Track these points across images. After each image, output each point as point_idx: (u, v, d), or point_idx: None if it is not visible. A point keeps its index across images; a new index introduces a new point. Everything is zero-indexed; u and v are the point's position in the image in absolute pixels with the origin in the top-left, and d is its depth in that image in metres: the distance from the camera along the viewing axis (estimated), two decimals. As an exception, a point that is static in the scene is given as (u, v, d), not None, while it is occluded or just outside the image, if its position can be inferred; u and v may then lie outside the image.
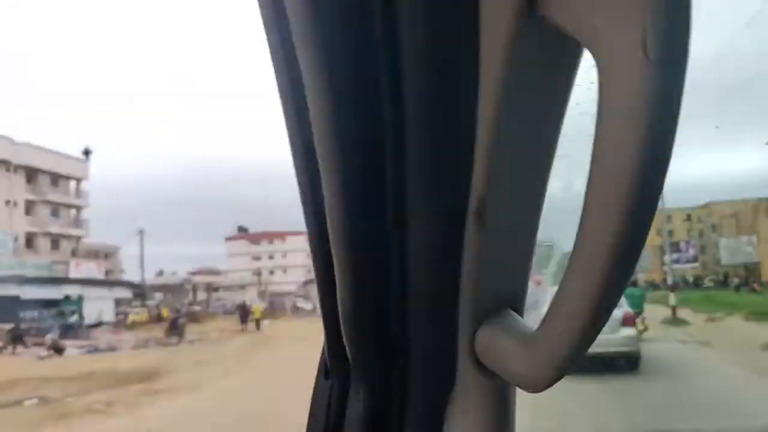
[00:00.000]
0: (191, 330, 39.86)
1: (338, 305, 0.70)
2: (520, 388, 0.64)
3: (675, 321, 22.66)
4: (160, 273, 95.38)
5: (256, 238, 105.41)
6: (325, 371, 0.81)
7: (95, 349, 25.89)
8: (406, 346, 0.69)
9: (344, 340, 0.72)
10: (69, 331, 37.30)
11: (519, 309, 0.66)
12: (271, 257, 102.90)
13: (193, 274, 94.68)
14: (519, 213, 0.63)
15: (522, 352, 0.59)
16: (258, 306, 41.46)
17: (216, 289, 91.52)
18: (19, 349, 26.20)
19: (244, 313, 37.98)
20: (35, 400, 12.08)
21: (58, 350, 23.71)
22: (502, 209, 0.61)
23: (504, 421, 0.69)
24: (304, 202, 0.72)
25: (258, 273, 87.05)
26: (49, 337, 26.95)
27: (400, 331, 0.69)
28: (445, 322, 0.66)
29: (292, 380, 13.29)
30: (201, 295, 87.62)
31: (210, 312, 58.95)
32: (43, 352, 24.21)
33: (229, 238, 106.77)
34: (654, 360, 12.00)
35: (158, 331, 40.05)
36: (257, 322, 36.87)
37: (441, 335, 0.67)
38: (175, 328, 33.37)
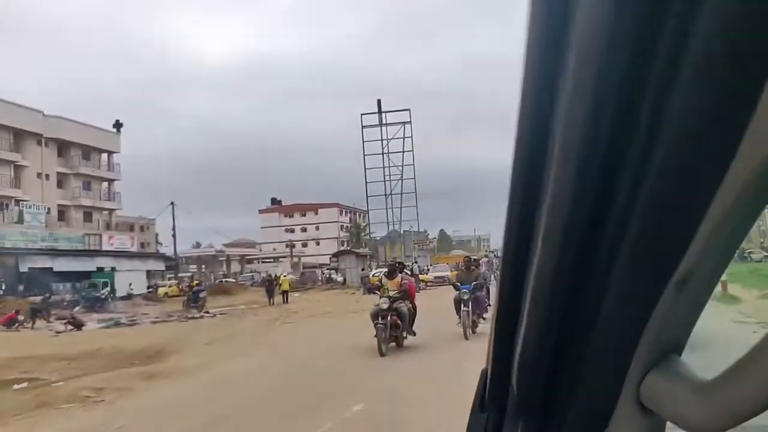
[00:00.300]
0: (219, 303, 39.36)
1: (518, 337, 0.71)
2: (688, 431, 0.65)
3: (726, 297, 20.91)
4: (197, 245, 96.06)
5: (289, 210, 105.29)
6: (481, 402, 0.82)
7: (116, 323, 25.31)
8: (573, 383, 0.70)
9: (514, 371, 0.73)
10: (96, 304, 37.03)
11: (680, 352, 0.68)
12: (304, 229, 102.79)
13: (229, 246, 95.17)
14: (717, 278, 0.63)
15: (695, 397, 0.59)
16: (285, 278, 40.59)
17: (250, 261, 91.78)
18: (40, 323, 25.73)
19: (270, 285, 37.14)
20: (25, 384, 11.24)
21: (77, 325, 23.15)
22: (705, 280, 0.62)
23: None
24: (509, 227, 0.71)
25: (291, 245, 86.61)
26: (69, 312, 26.42)
27: (572, 370, 0.70)
28: (616, 366, 0.67)
29: (299, 362, 12.39)
30: (236, 267, 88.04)
31: (240, 284, 58.37)
32: (63, 326, 23.66)
33: (262, 211, 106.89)
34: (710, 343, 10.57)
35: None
36: (284, 294, 36.06)
37: (609, 377, 0.68)
38: (195, 301, 32.76)
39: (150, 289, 52.83)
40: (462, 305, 13.38)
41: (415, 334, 12.58)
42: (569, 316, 0.68)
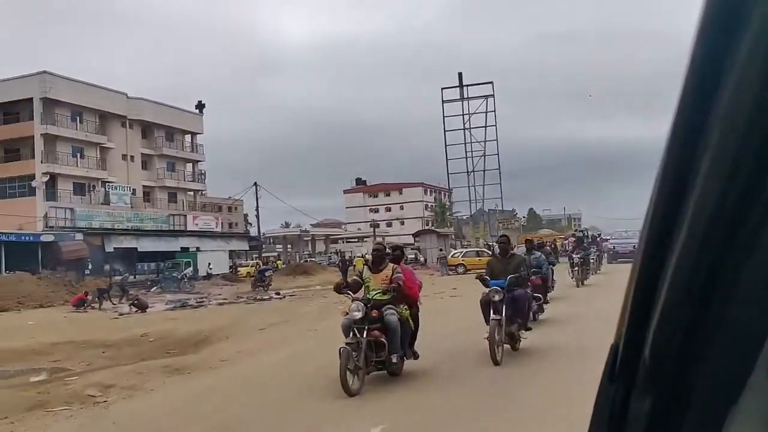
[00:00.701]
0: (296, 283, 38.54)
1: (655, 309, 0.72)
2: None
3: None
4: (286, 225, 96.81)
5: (373, 190, 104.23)
6: (610, 375, 0.81)
7: (182, 305, 24.52)
8: (707, 355, 0.70)
9: (648, 343, 0.73)
10: (172, 284, 36.85)
11: None
12: (388, 209, 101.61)
13: (316, 226, 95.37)
14: None
15: None
16: (359, 259, 39.20)
17: (335, 241, 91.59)
18: (108, 304, 25.35)
19: (343, 266, 35.83)
20: (43, 376, 10.21)
21: (141, 307, 22.47)
22: None
23: None
24: (657, 202, 0.71)
25: (374, 225, 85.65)
26: (135, 293, 25.95)
27: (707, 342, 0.69)
28: (751, 338, 0.67)
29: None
30: (321, 247, 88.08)
31: (318, 263, 57.66)
32: (128, 308, 23.09)
33: (346, 191, 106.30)
34: None
35: (277, 283, 39.16)
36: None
37: (744, 348, 0.67)
38: (261, 281, 31.98)
39: (231, 269, 52.82)
40: (492, 311, 8.64)
41: (417, 357, 8.17)
42: (708, 290, 0.67)
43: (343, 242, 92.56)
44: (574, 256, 20.71)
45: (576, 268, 20.20)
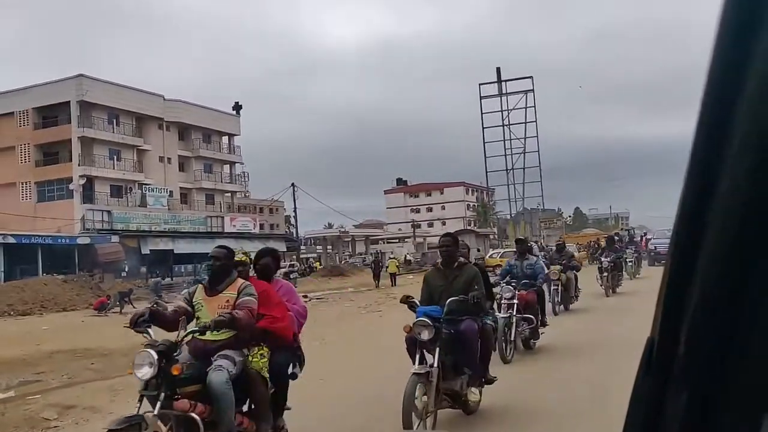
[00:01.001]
0: (329, 285, 37.68)
1: (690, 302, 0.71)
2: None
3: None
4: (329, 226, 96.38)
5: (414, 190, 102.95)
6: (648, 366, 0.81)
7: (202, 310, 23.76)
8: (745, 351, 0.69)
9: (683, 336, 0.73)
10: (202, 286, 36.35)
11: None
12: (429, 209, 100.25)
13: (359, 227, 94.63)
14: None
15: None
16: (392, 260, 38.16)
17: (375, 242, 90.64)
18: (129, 308, 24.80)
19: (376, 268, 34.75)
20: (12, 392, 9.36)
21: (159, 311, 21.78)
22: None
23: None
24: (685, 197, 0.71)
25: (414, 225, 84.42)
26: (155, 297, 25.36)
27: (745, 335, 0.69)
28: None
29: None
30: (361, 248, 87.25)
31: (356, 265, 56.77)
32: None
33: (387, 191, 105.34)
34: None
35: (310, 285, 38.47)
36: (392, 277, 33.63)
37: None
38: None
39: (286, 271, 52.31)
40: (416, 357, 5.50)
41: None
42: (740, 289, 0.66)
43: (384, 243, 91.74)
44: (603, 259, 17.96)
45: (606, 274, 17.52)
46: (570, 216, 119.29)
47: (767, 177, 0.61)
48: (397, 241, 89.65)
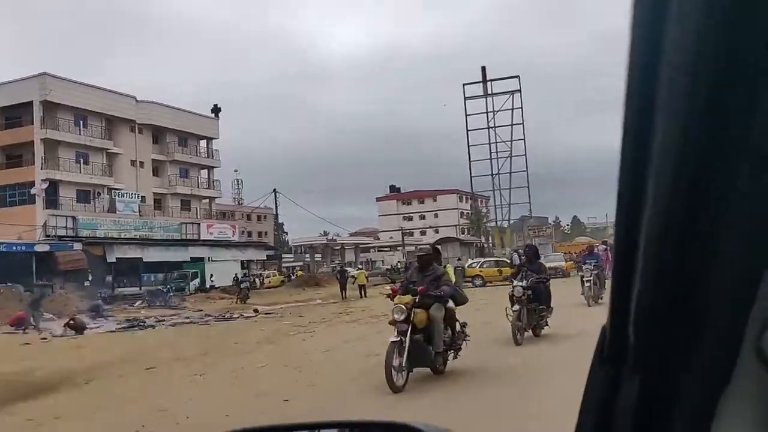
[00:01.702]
0: (296, 297, 35.16)
1: (633, 294, 0.72)
2: None
3: None
4: (324, 234, 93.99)
5: (406, 198, 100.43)
6: (602, 356, 0.83)
7: (133, 326, 21.35)
8: (691, 337, 0.70)
9: (630, 326, 0.74)
10: (157, 298, 33.93)
11: None
12: (422, 217, 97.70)
13: (354, 235, 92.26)
14: None
15: None
16: (360, 272, 35.72)
17: (366, 250, 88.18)
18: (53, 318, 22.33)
19: (342, 279, 32.26)
20: None
21: (77, 328, 19.38)
22: None
23: None
24: (621, 193, 0.72)
25: (406, 233, 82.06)
26: (79, 312, 22.94)
27: (689, 323, 0.69)
28: (734, 319, 0.66)
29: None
30: (351, 256, 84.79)
31: (331, 275, 54.23)
32: (63, 329, 19.97)
33: (379, 198, 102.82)
34: None
35: (278, 296, 36.16)
36: (361, 288, 31.15)
37: (727, 331, 0.67)
38: (240, 293, 29.26)
39: (234, 281, 49.95)
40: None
41: None
42: (682, 272, 0.67)
43: (375, 251, 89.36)
44: (515, 282, 11.86)
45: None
46: (568, 224, 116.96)
47: (690, 178, 0.62)
48: (388, 249, 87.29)
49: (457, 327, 8.75)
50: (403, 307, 7.94)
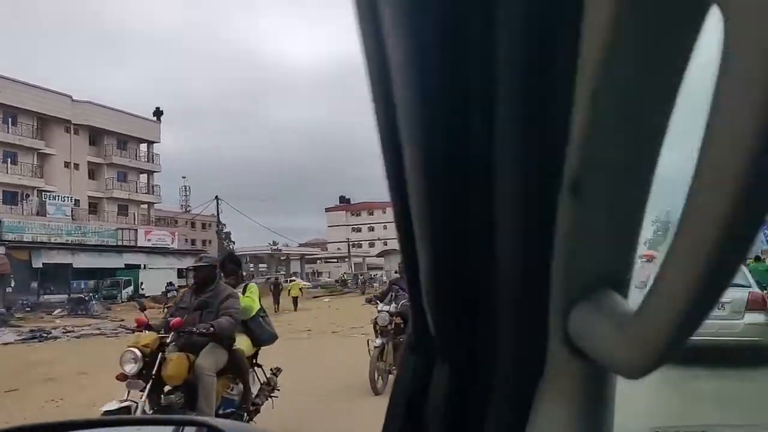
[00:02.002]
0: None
1: (422, 283, 0.71)
2: (616, 373, 0.61)
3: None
4: (274, 244, 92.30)
5: (356, 209, 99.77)
6: (411, 346, 0.82)
7: (34, 337, 19.97)
8: (494, 325, 0.67)
9: (428, 316, 0.74)
10: (79, 307, 32.27)
11: (623, 289, 0.59)
12: (371, 228, 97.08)
13: (304, 245, 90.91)
14: (622, 187, 0.55)
15: (618, 334, 0.54)
16: (294, 283, 34.73)
17: (312, 261, 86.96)
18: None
19: (276, 290, 31.20)
20: None
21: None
22: (600, 184, 0.55)
23: (600, 409, 0.65)
24: (388, 177, 0.71)
25: (354, 245, 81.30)
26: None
27: (486, 309, 0.67)
28: (535, 301, 0.62)
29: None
30: (296, 267, 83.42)
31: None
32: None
33: (328, 209, 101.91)
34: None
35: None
36: (294, 300, 30.17)
37: (531, 315, 0.64)
38: (167, 303, 27.83)
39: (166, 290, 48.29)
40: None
41: None
42: (460, 248, 0.66)
43: (322, 262, 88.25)
44: (379, 305, 8.95)
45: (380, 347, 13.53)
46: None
47: (445, 189, 0.61)
48: (335, 260, 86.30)
49: (258, 377, 6.43)
50: (137, 352, 5.08)
